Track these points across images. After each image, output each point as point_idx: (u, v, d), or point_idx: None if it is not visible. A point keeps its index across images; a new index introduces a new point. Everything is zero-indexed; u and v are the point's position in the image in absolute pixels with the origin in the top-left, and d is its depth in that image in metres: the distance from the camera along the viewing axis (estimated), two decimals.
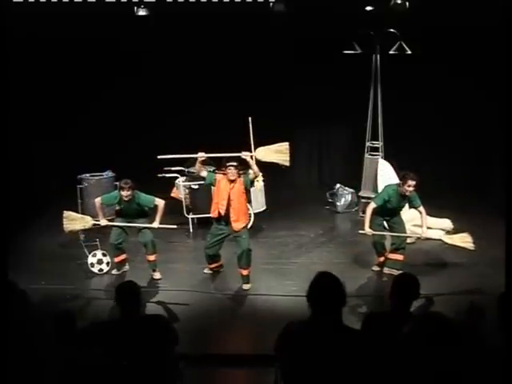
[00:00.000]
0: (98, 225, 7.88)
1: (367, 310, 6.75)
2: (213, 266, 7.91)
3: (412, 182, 7.50)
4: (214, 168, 9.77)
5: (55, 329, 4.11)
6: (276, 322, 4.01)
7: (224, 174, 7.47)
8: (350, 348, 3.37)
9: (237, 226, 7.43)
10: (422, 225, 7.79)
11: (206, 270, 7.93)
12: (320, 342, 3.36)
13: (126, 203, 7.65)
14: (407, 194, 7.57)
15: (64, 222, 7.82)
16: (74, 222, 7.88)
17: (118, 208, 7.84)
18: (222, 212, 7.41)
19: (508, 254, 5.51)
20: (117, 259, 7.91)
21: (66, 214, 7.88)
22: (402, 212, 8.04)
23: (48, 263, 8.18)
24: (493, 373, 3.52)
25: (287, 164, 7.73)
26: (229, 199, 7.38)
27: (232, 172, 7.36)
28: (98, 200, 7.79)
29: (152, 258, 7.79)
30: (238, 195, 7.42)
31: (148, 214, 7.86)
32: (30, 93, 10.51)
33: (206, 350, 6.02)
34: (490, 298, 5.12)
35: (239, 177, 7.47)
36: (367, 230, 7.65)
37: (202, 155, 7.41)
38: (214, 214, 7.54)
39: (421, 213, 7.77)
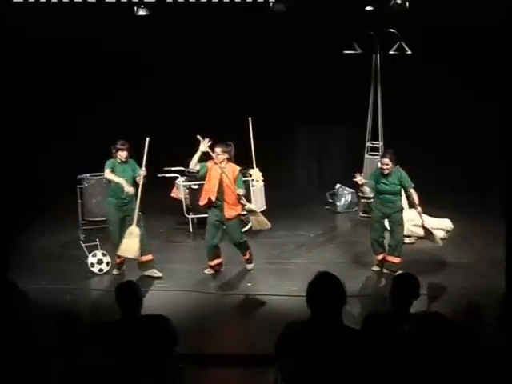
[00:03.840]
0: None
1: (367, 310, 6.75)
2: (214, 262, 7.85)
3: (384, 160, 7.60)
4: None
5: (56, 329, 4.12)
6: (276, 322, 4.01)
7: (216, 162, 7.52)
8: (350, 348, 3.37)
9: (229, 213, 7.52)
10: (415, 203, 7.73)
11: (206, 271, 7.92)
12: (320, 342, 3.36)
13: (122, 166, 7.62)
14: (385, 172, 7.58)
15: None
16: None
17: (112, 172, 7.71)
18: (213, 198, 7.47)
19: (508, 254, 5.51)
20: (119, 260, 7.89)
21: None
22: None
23: (48, 263, 8.18)
24: (493, 373, 3.52)
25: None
26: (220, 186, 7.46)
27: (217, 157, 7.45)
28: (107, 172, 7.70)
29: (146, 258, 7.74)
30: (229, 182, 7.49)
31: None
32: (30, 93, 10.52)
33: (205, 350, 6.02)
34: (489, 298, 5.14)
35: (222, 163, 7.47)
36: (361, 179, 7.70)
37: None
38: (202, 202, 7.62)
39: (411, 193, 7.72)
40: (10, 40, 6.92)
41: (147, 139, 7.68)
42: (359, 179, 7.62)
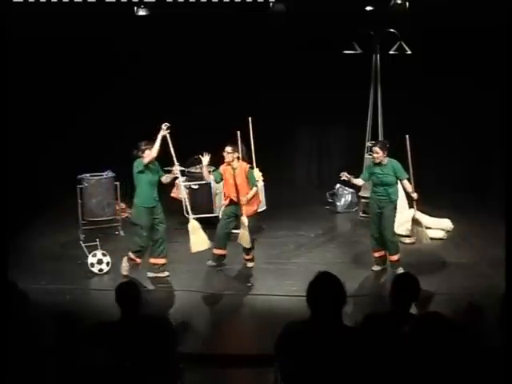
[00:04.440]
0: None
1: (367, 310, 6.75)
2: (220, 251, 7.93)
3: (374, 149, 7.69)
4: (213, 168, 9.77)
5: (56, 329, 4.12)
6: (276, 322, 4.02)
7: (228, 163, 7.75)
8: (349, 348, 3.38)
9: (247, 210, 7.74)
10: (409, 191, 7.74)
11: (208, 262, 7.96)
12: (320, 342, 3.36)
13: (149, 166, 7.53)
14: (376, 161, 7.62)
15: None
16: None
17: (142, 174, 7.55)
18: (235, 199, 7.75)
19: (508, 254, 5.52)
20: (139, 260, 7.79)
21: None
22: (400, 212, 8.01)
23: (48, 263, 8.18)
24: (493, 373, 3.52)
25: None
26: (236, 185, 7.70)
27: (227, 156, 7.71)
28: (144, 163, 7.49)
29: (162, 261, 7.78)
30: (242, 180, 7.73)
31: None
32: (30, 93, 10.52)
33: (206, 350, 6.02)
34: (489, 298, 5.14)
35: (232, 162, 7.73)
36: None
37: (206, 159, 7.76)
38: (226, 203, 7.90)
39: (405, 184, 7.73)
40: (9, 40, 6.91)
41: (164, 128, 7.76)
42: (345, 177, 7.72)
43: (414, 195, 7.72)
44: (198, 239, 7.75)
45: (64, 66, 10.99)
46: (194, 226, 7.79)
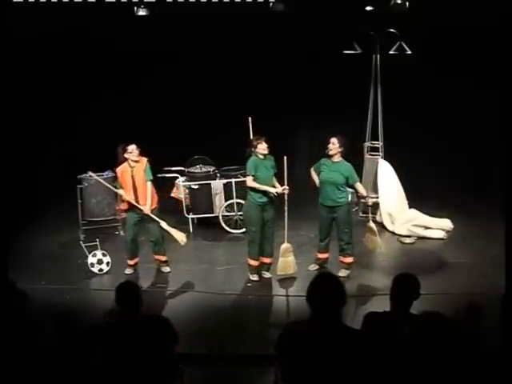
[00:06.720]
0: None
1: (367, 310, 6.74)
2: (134, 261, 7.90)
3: (332, 139, 7.67)
4: (213, 168, 9.77)
5: (56, 329, 4.12)
6: (276, 322, 4.02)
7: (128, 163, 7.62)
8: (350, 348, 3.38)
9: (146, 208, 7.62)
10: (363, 195, 7.76)
11: (127, 271, 7.85)
12: (320, 342, 3.36)
13: (263, 163, 7.56)
14: (329, 152, 7.61)
15: None
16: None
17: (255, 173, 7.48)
18: (133, 201, 7.60)
19: (508, 253, 5.52)
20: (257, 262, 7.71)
21: None
22: (400, 212, 7.99)
23: (48, 263, 8.19)
24: (493, 373, 3.52)
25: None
26: (134, 185, 7.59)
27: (132, 154, 7.58)
28: (250, 181, 7.48)
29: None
30: (140, 179, 7.61)
31: None
32: (30, 92, 10.52)
33: (206, 350, 6.02)
34: (490, 297, 5.15)
35: (133, 162, 7.61)
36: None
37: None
38: (124, 207, 7.84)
39: (357, 187, 7.65)
40: (9, 40, 6.91)
41: (285, 158, 7.54)
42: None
43: (369, 201, 7.62)
44: (287, 262, 7.66)
45: (64, 66, 10.99)
46: (286, 249, 7.69)
